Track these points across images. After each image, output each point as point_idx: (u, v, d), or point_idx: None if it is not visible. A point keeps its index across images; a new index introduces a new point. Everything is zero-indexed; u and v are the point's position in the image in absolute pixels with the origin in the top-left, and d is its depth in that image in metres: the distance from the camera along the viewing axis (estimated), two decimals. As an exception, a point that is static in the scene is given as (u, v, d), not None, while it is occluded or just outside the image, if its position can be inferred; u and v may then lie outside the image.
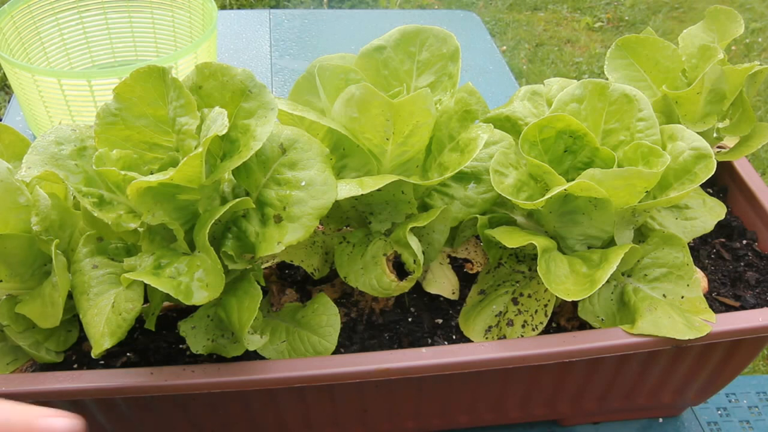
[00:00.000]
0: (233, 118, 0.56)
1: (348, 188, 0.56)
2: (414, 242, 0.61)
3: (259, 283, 0.60)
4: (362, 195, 0.62)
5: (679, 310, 0.64)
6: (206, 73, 0.58)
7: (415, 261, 0.61)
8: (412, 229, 0.62)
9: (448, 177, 0.62)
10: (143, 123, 0.57)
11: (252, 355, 0.64)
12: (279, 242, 0.54)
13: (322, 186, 0.55)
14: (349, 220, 0.69)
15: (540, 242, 0.62)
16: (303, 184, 0.56)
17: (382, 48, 0.67)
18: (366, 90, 0.56)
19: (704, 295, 0.67)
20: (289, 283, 0.73)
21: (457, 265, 0.73)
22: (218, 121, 0.53)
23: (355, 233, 0.66)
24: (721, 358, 0.70)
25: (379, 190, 0.61)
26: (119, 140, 0.57)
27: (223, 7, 3.14)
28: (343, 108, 0.59)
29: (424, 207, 0.67)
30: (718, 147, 0.87)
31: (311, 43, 1.61)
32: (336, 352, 0.65)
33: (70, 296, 0.61)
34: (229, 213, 0.58)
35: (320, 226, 0.74)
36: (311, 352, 0.62)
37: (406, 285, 0.61)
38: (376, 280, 0.62)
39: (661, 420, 0.82)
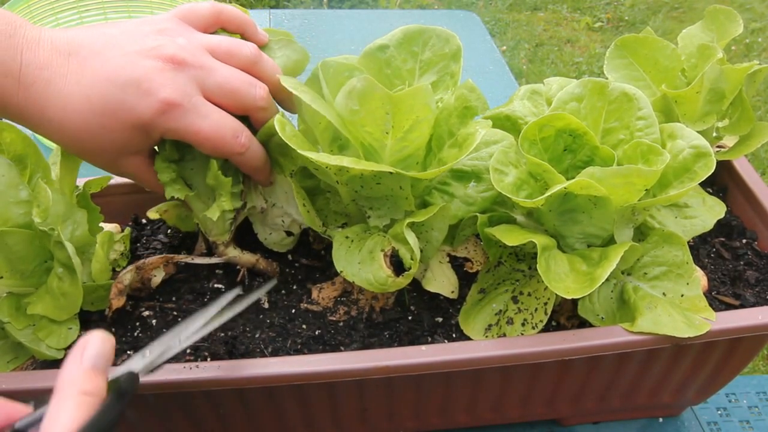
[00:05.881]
0: None
1: (346, 160, 0.56)
2: (411, 237, 0.61)
3: None
4: (362, 188, 0.62)
5: (678, 308, 0.64)
6: None
7: (412, 257, 0.61)
8: (410, 226, 0.62)
9: (445, 170, 0.62)
10: None
11: (253, 353, 0.64)
12: None
13: None
14: (349, 217, 0.69)
15: (540, 240, 0.62)
16: None
17: (385, 47, 0.67)
18: (367, 82, 0.56)
19: (704, 294, 0.67)
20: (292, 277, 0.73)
21: (457, 264, 0.73)
22: None
23: (354, 228, 0.66)
24: (721, 357, 0.70)
25: (378, 183, 0.61)
26: None
27: (223, 7, 3.14)
28: (345, 100, 0.58)
29: (424, 205, 0.67)
30: (718, 146, 0.87)
31: (311, 43, 1.61)
32: (336, 350, 0.65)
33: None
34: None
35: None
36: None
37: (402, 281, 0.61)
38: (372, 274, 0.61)
39: (661, 420, 0.82)
